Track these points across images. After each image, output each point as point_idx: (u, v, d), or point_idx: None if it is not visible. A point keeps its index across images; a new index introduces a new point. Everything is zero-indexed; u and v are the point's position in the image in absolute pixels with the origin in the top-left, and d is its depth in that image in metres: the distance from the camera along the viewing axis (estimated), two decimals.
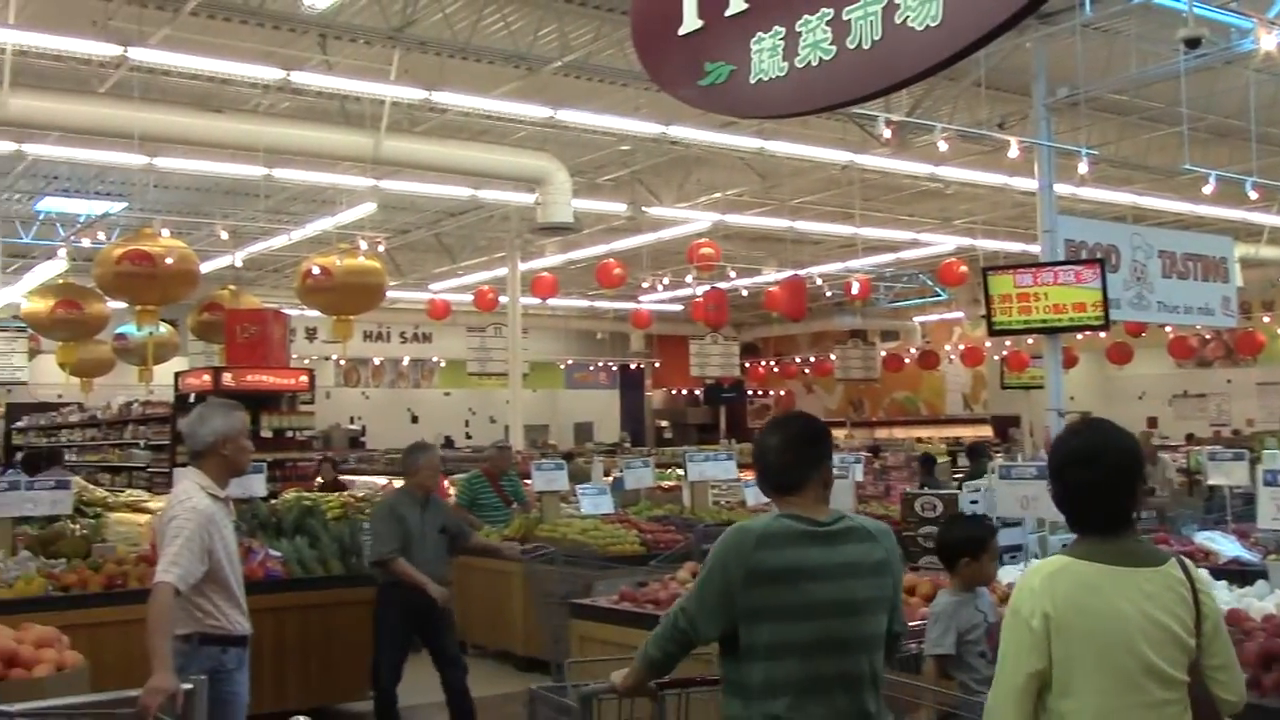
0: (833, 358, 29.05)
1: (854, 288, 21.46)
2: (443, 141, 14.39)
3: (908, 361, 29.60)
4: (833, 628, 3.03)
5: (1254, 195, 14.16)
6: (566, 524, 9.77)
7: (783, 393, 35.37)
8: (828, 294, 26.34)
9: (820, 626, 3.02)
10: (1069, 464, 2.88)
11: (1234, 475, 9.04)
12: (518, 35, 12.24)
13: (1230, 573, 6.14)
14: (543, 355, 30.75)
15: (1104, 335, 19.34)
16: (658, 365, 34.62)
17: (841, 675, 3.05)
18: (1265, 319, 25.48)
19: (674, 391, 35.32)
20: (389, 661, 6.72)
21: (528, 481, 11.39)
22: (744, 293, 25.56)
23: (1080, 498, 2.86)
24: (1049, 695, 2.75)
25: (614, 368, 34.51)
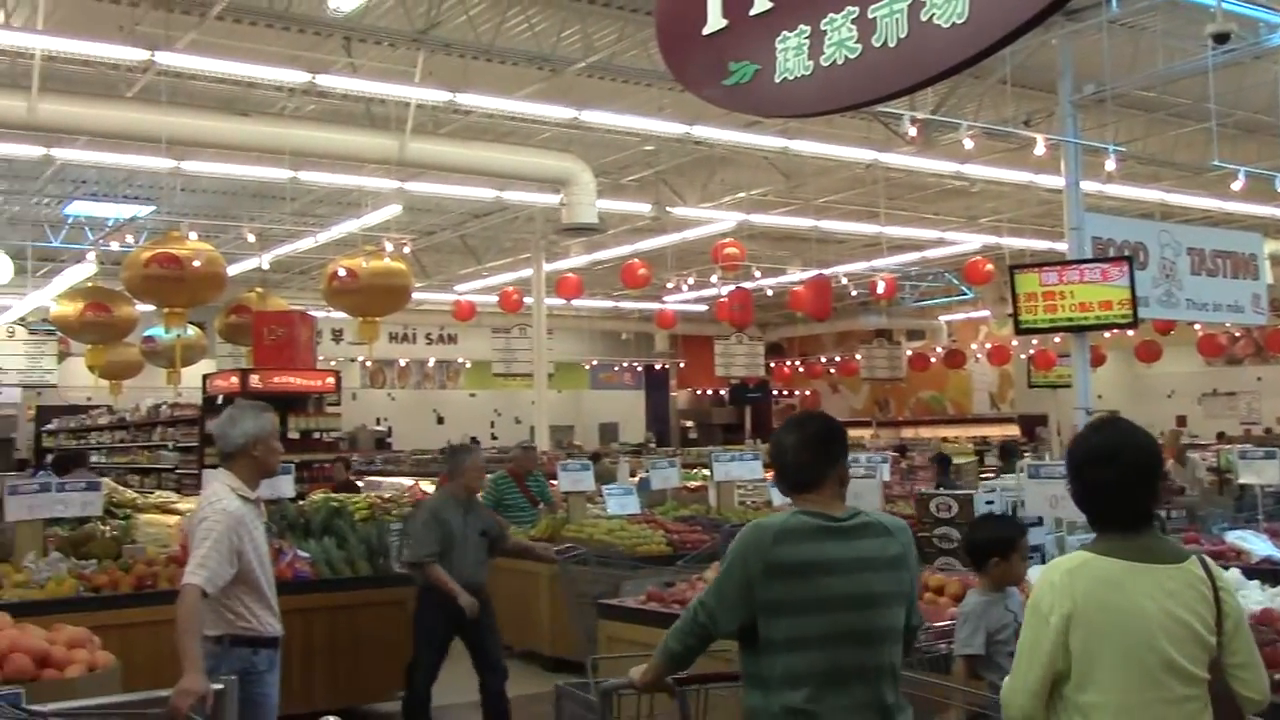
0: (858, 357, 28.96)
1: (879, 287, 21.45)
2: (467, 143, 14.42)
3: (934, 361, 29.49)
4: (849, 621, 3.07)
5: None
6: (593, 524, 9.76)
7: (808, 393, 35.23)
8: (853, 293, 26.29)
9: (837, 620, 3.06)
10: (1088, 462, 2.90)
11: (1265, 474, 8.95)
12: (541, 36, 12.25)
13: (1262, 572, 6.09)
14: (568, 356, 30.81)
15: (1132, 333, 19.22)
16: (682, 365, 34.59)
17: (859, 667, 3.08)
18: None
19: (699, 392, 35.29)
20: (426, 663, 6.68)
21: (553, 482, 11.40)
22: (769, 292, 25.54)
23: (1100, 496, 2.87)
24: (1066, 686, 2.77)
25: (639, 368, 34.51)
